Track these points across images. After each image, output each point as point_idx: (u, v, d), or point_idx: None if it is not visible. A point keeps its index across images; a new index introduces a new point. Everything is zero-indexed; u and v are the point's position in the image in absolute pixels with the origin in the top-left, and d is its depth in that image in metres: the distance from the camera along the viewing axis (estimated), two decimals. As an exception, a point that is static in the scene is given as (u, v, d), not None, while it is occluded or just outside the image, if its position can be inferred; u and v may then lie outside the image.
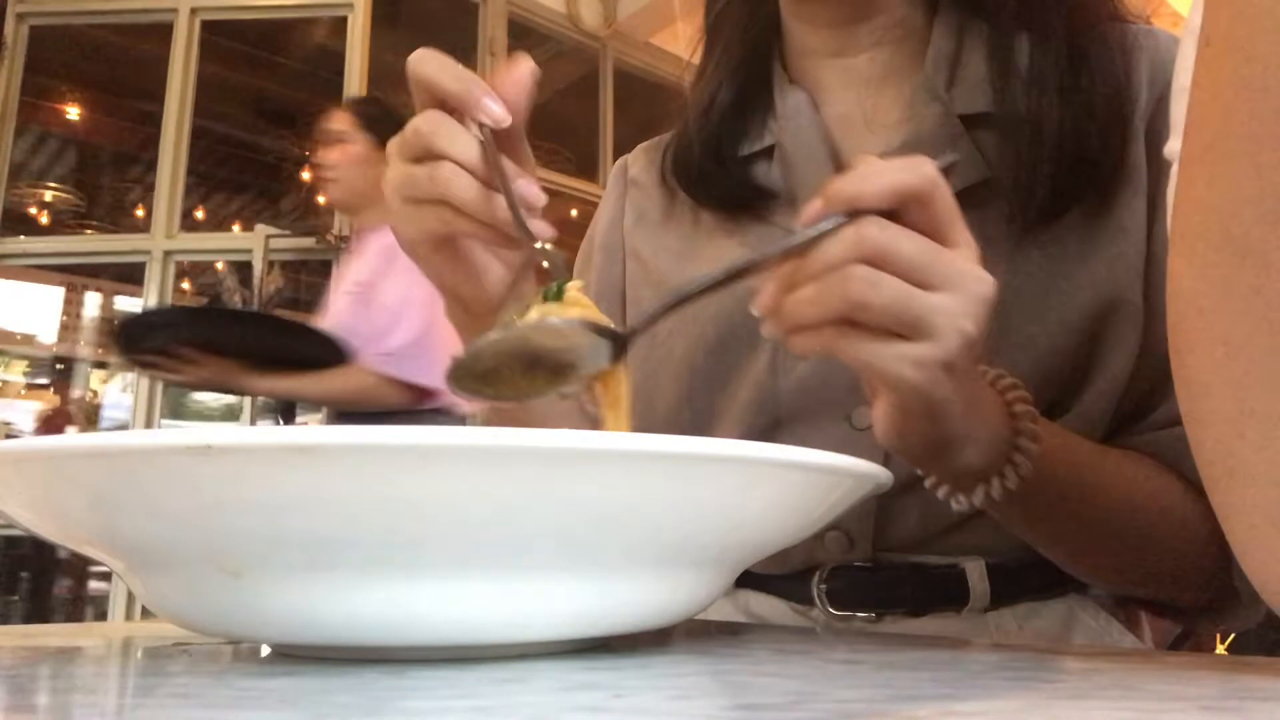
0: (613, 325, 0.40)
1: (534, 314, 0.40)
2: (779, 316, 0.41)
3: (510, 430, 0.25)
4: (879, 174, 0.39)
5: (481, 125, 0.45)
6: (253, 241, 3.73)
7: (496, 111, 0.45)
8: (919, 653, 0.35)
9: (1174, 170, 0.39)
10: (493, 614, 0.29)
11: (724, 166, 0.64)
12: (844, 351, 0.40)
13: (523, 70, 0.46)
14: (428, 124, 0.45)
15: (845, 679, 0.28)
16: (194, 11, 3.37)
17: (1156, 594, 0.57)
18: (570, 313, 0.40)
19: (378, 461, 0.25)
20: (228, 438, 0.25)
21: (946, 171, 0.40)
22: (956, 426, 0.43)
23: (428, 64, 0.45)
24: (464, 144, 0.44)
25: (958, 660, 0.33)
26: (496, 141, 0.45)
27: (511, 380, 0.41)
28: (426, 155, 0.45)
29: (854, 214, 0.39)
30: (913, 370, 0.39)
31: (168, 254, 3.66)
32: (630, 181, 0.74)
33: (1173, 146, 0.40)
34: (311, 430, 0.24)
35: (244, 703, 0.25)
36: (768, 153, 0.64)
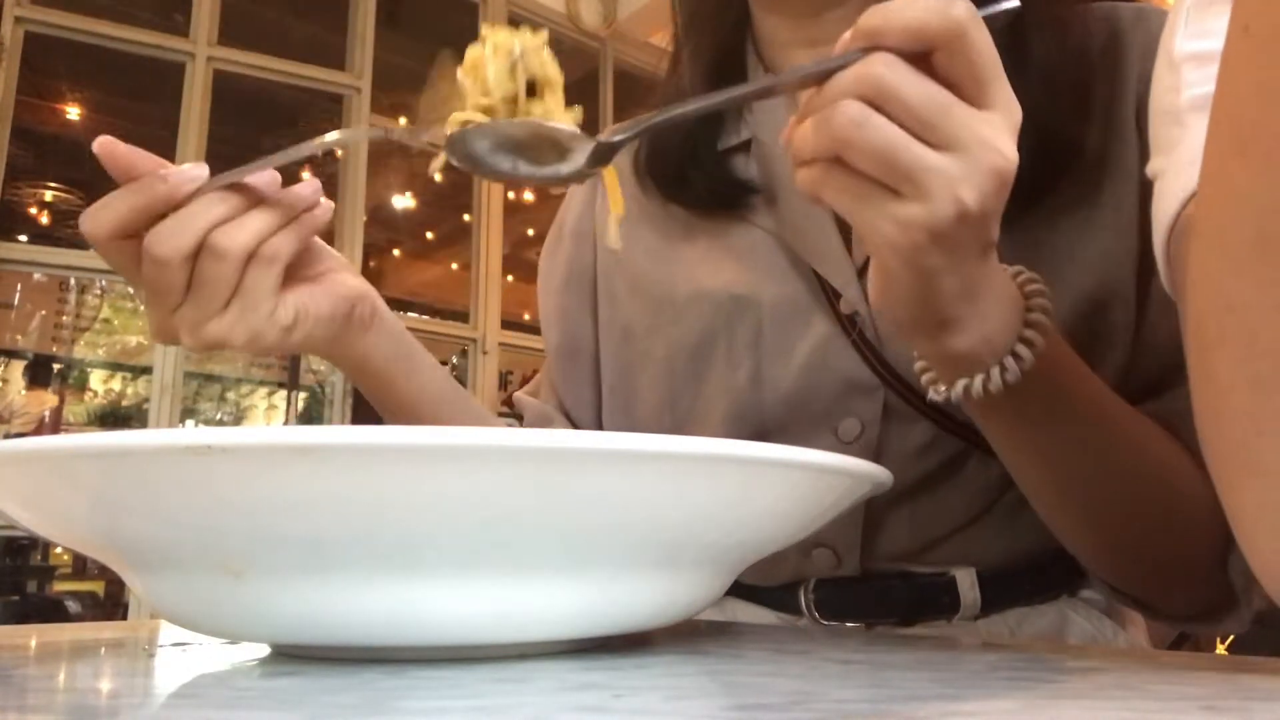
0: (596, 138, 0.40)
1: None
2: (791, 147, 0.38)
3: (509, 431, 0.25)
4: (904, 9, 0.34)
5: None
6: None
7: (189, 171, 0.46)
8: (917, 653, 0.35)
9: (1157, 187, 0.38)
10: (493, 614, 0.29)
11: (701, 163, 0.63)
12: (828, 195, 0.36)
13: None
14: (163, 232, 0.46)
15: (843, 679, 0.28)
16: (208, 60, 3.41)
17: (1147, 587, 0.54)
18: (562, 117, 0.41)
19: (378, 461, 0.25)
20: (228, 438, 0.25)
21: (991, 21, 0.35)
22: (949, 307, 0.39)
23: (106, 216, 0.46)
24: (208, 201, 0.46)
25: (956, 660, 0.33)
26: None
27: (497, 161, 0.41)
28: (196, 246, 0.46)
29: (874, 50, 0.35)
30: (894, 230, 0.35)
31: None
32: None
33: (1155, 165, 0.39)
34: (311, 430, 0.24)
35: (244, 703, 0.25)
36: (745, 147, 0.62)
